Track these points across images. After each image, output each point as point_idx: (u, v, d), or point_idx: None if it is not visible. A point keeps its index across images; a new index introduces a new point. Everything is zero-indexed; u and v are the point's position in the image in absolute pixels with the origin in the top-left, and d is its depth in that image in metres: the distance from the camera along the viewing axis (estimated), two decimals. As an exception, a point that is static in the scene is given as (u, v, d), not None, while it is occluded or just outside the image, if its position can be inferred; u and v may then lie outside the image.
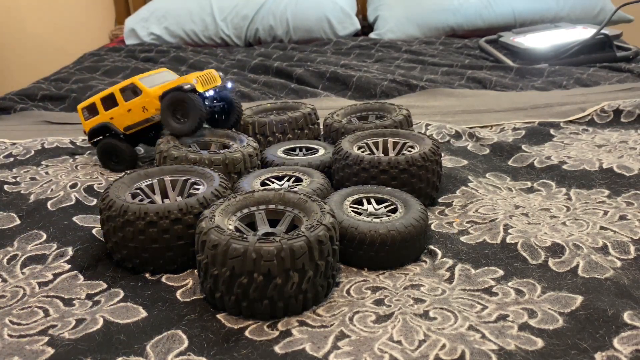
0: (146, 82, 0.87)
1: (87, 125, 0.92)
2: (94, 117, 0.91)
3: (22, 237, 0.70)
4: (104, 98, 0.89)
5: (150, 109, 0.86)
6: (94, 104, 0.90)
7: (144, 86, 0.85)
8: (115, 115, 0.88)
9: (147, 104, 0.86)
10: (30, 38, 2.53)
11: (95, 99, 0.90)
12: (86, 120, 0.92)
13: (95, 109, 0.90)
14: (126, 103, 0.87)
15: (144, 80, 0.87)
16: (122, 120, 0.88)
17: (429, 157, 0.74)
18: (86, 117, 0.92)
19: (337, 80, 1.46)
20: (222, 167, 0.76)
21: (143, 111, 0.86)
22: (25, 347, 0.51)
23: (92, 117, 0.91)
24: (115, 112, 0.88)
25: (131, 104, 0.87)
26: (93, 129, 0.91)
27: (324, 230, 0.55)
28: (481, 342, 0.50)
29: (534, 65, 1.52)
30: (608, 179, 0.83)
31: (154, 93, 0.85)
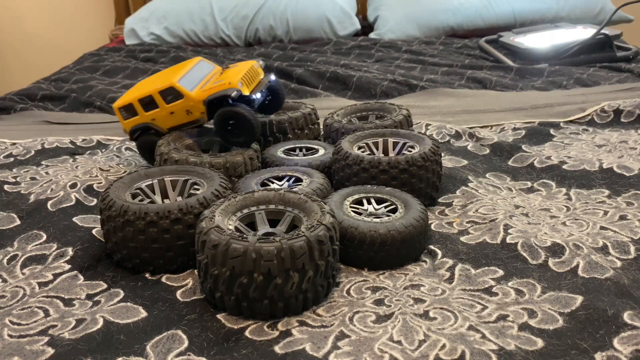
0: (186, 83, 0.81)
1: (127, 125, 0.86)
2: (133, 118, 0.85)
3: (22, 238, 0.70)
4: (142, 100, 0.83)
5: (195, 113, 0.81)
6: (131, 105, 0.84)
7: (185, 90, 0.79)
8: (157, 117, 0.83)
9: (191, 107, 0.80)
10: (30, 38, 2.54)
11: (133, 100, 0.83)
12: (125, 119, 0.86)
13: (134, 110, 0.84)
14: (167, 106, 0.81)
15: (183, 81, 0.81)
16: (164, 122, 0.83)
17: (429, 157, 0.74)
18: (125, 117, 0.86)
19: (337, 80, 1.45)
20: (223, 171, 0.76)
21: (187, 114, 0.81)
22: (25, 347, 0.51)
23: (132, 117, 0.85)
24: (157, 114, 0.83)
25: (173, 107, 0.81)
26: (135, 129, 0.86)
27: (324, 230, 0.55)
28: (481, 342, 0.50)
29: (534, 65, 1.52)
30: (608, 179, 0.83)
31: (197, 97, 0.79)
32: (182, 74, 0.82)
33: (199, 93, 0.79)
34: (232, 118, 0.77)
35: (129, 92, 0.87)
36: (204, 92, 0.79)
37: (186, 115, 0.81)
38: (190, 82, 0.81)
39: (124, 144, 1.04)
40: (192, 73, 0.83)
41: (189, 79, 0.82)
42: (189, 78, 0.82)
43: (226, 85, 0.77)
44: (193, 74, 0.83)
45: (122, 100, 0.85)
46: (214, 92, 0.78)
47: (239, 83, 0.78)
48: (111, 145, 1.04)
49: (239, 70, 0.80)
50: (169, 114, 0.82)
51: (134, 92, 0.85)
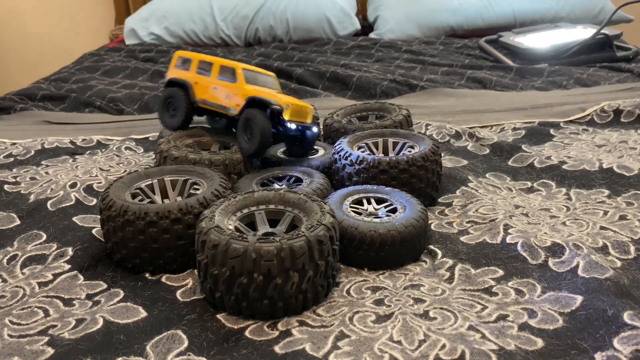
0: (247, 76, 0.81)
1: (172, 73, 0.87)
2: (182, 71, 0.86)
3: (22, 237, 0.70)
4: (203, 61, 0.84)
5: (233, 102, 0.80)
6: (190, 60, 0.85)
7: (242, 78, 0.80)
8: (200, 83, 0.83)
9: (233, 95, 0.80)
10: (30, 38, 2.53)
11: (196, 57, 0.85)
12: (175, 67, 0.87)
13: (189, 65, 0.85)
14: (217, 80, 0.82)
15: (246, 73, 0.81)
16: (202, 91, 0.83)
17: (429, 157, 0.74)
18: (177, 66, 0.87)
19: (337, 80, 1.45)
20: (222, 168, 0.76)
21: (225, 97, 0.81)
22: (25, 347, 0.51)
23: (182, 69, 0.86)
24: (203, 80, 0.83)
25: (221, 83, 0.81)
26: (173, 80, 0.86)
27: (324, 230, 0.55)
28: (481, 342, 0.50)
29: (534, 65, 1.52)
30: (608, 179, 0.83)
31: (246, 90, 0.79)
32: (252, 69, 0.83)
33: (251, 88, 0.79)
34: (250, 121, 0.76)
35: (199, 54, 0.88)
36: (255, 90, 0.79)
37: (224, 98, 0.81)
38: (251, 78, 0.82)
39: (123, 143, 1.04)
40: (258, 77, 0.83)
41: (252, 76, 0.82)
42: (252, 76, 0.83)
43: (276, 98, 0.77)
44: (258, 78, 0.83)
45: (188, 52, 0.87)
46: (262, 95, 0.77)
47: (286, 105, 0.77)
48: (111, 145, 1.04)
49: (295, 99, 0.80)
50: (211, 87, 0.82)
51: (201, 55, 0.86)
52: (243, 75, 0.80)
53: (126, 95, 1.37)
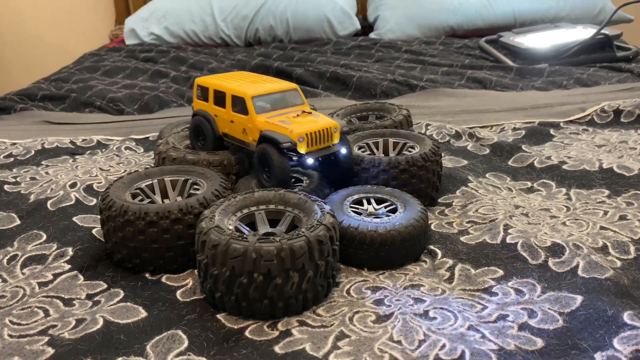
0: (261, 104, 0.73)
1: (195, 104, 0.83)
2: (203, 102, 0.81)
3: (22, 237, 0.70)
4: (217, 92, 0.78)
5: (249, 136, 0.73)
6: (207, 90, 0.79)
7: (253, 109, 0.72)
8: (219, 116, 0.78)
9: (248, 129, 0.73)
10: (30, 38, 2.54)
11: (211, 86, 0.78)
12: (197, 98, 0.82)
13: (207, 95, 0.79)
14: (232, 112, 0.75)
15: (259, 101, 0.73)
16: (222, 124, 0.78)
17: (429, 157, 0.74)
18: (198, 96, 0.82)
19: (337, 80, 1.45)
20: (220, 168, 0.76)
21: (242, 132, 0.74)
22: (25, 347, 0.51)
23: (202, 100, 0.81)
24: (220, 112, 0.77)
25: (236, 116, 0.75)
26: (198, 112, 0.81)
27: (324, 230, 0.55)
28: (481, 342, 0.50)
29: (534, 65, 1.52)
30: (608, 179, 0.83)
31: (257, 124, 0.71)
32: (265, 92, 0.74)
33: (262, 121, 0.71)
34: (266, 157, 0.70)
35: (218, 76, 0.82)
36: (266, 123, 0.71)
37: (241, 132, 0.75)
38: (266, 104, 0.74)
39: (124, 143, 1.04)
40: (276, 97, 0.75)
41: (268, 101, 0.74)
42: (269, 100, 0.74)
43: (287, 132, 0.68)
44: (276, 98, 0.75)
45: (205, 80, 0.81)
46: (271, 129, 0.70)
47: (299, 137, 0.68)
48: (111, 145, 1.04)
49: (312, 124, 0.70)
50: (229, 121, 0.76)
51: (218, 80, 0.80)
52: (253, 104, 0.72)
53: (126, 95, 1.37)
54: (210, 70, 1.61)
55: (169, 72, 1.58)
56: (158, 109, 1.32)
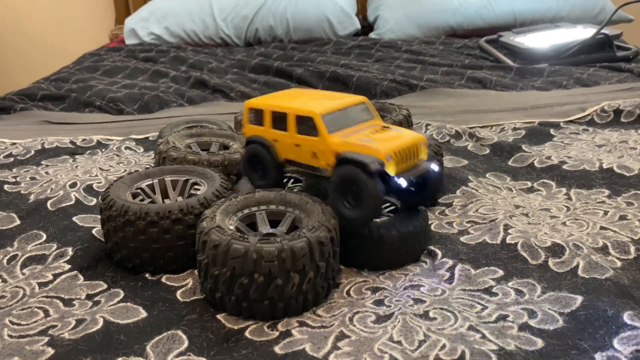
0: (331, 121, 0.63)
1: (248, 130, 0.71)
2: (258, 126, 0.69)
3: (22, 237, 0.70)
4: (276, 114, 0.67)
5: (322, 160, 0.63)
6: (262, 112, 0.68)
7: (324, 129, 0.62)
8: (280, 141, 0.67)
9: (320, 152, 0.63)
10: (30, 38, 2.53)
11: (267, 109, 0.67)
12: (250, 123, 0.70)
13: (262, 119, 0.69)
14: (297, 135, 0.64)
15: (329, 118, 0.63)
16: (285, 150, 0.67)
17: (430, 157, 0.74)
18: (250, 120, 0.70)
19: (337, 80, 1.45)
20: (221, 168, 0.76)
21: (312, 157, 0.64)
22: (25, 347, 0.51)
23: (257, 125, 0.69)
24: (282, 136, 0.66)
25: (302, 140, 0.64)
26: (253, 139, 0.70)
27: (325, 231, 0.55)
28: (481, 343, 0.50)
29: (534, 65, 1.52)
30: (608, 179, 0.83)
31: (333, 145, 0.61)
32: (334, 109, 0.64)
33: (337, 141, 0.61)
34: (351, 183, 0.59)
35: (269, 96, 0.72)
36: (344, 143, 0.61)
37: (311, 157, 0.64)
38: (337, 122, 0.63)
39: (123, 143, 1.04)
40: (346, 113, 0.65)
41: (337, 117, 0.64)
42: (338, 117, 0.64)
43: (371, 151, 0.59)
44: (346, 115, 0.65)
45: (256, 102, 0.70)
46: (353, 149, 0.60)
47: (387, 156, 0.58)
48: (111, 145, 1.04)
49: (397, 139, 0.61)
50: (293, 145, 0.66)
51: (272, 100, 0.69)
52: (324, 123, 0.62)
53: (126, 95, 1.37)
54: (210, 70, 1.61)
55: (169, 72, 1.58)
56: (158, 109, 1.32)
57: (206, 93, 1.43)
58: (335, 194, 0.61)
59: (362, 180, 0.57)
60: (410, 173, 0.61)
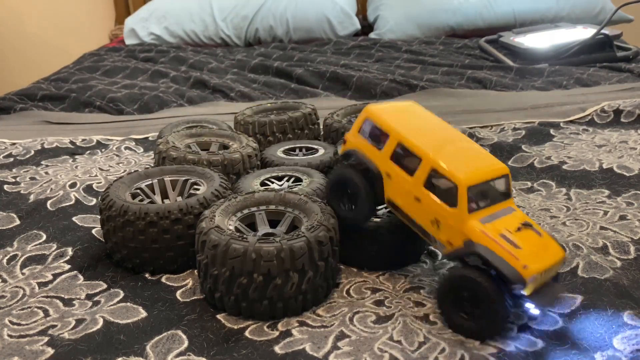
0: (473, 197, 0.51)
1: (352, 140, 0.59)
2: (371, 146, 0.57)
3: (21, 237, 0.70)
4: (406, 149, 0.54)
5: (443, 235, 0.52)
6: (387, 137, 0.56)
7: (465, 206, 0.50)
8: (396, 179, 0.55)
9: (447, 225, 0.52)
10: (30, 38, 2.53)
11: (396, 136, 0.55)
12: (360, 134, 0.58)
13: (383, 142, 0.56)
14: (423, 189, 0.53)
15: (473, 192, 0.51)
16: (397, 193, 0.55)
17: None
18: (363, 132, 0.58)
19: (337, 80, 1.45)
20: (220, 168, 0.76)
21: (432, 223, 0.53)
22: (25, 347, 0.51)
23: (371, 143, 0.57)
24: (400, 176, 0.55)
25: (428, 197, 0.53)
26: (354, 155, 0.58)
27: (324, 231, 0.55)
28: (480, 347, 0.50)
29: (534, 65, 1.52)
30: (608, 179, 0.83)
31: (470, 230, 0.50)
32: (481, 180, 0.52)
33: (476, 227, 0.50)
34: (472, 288, 0.50)
35: (396, 113, 0.58)
36: (483, 235, 0.50)
37: (430, 222, 0.53)
38: (478, 196, 0.52)
39: (123, 143, 1.04)
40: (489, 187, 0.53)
41: (480, 191, 0.52)
42: (481, 191, 0.53)
43: (516, 263, 0.48)
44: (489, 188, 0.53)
45: (382, 118, 0.57)
46: (491, 249, 0.49)
47: (532, 277, 0.48)
48: (111, 145, 1.04)
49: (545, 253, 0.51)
50: (412, 195, 0.54)
51: (402, 124, 0.56)
52: (468, 198, 0.51)
53: (126, 95, 1.37)
54: (210, 70, 1.61)
55: (168, 72, 1.58)
56: (158, 109, 1.32)
57: (206, 93, 1.43)
58: (445, 290, 0.51)
59: (489, 294, 0.48)
60: (546, 301, 0.50)
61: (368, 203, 0.57)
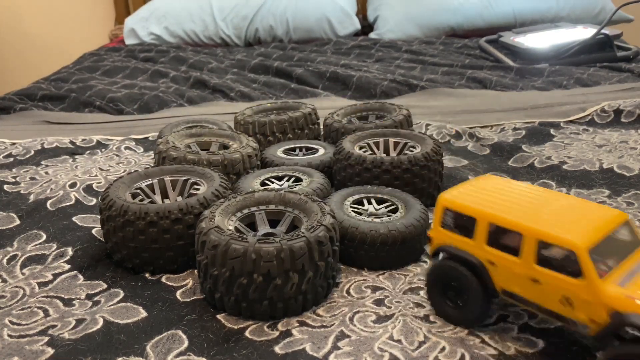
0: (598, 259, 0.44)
1: (439, 235, 0.53)
2: (460, 236, 0.51)
3: (21, 237, 0.70)
4: (501, 229, 0.48)
5: (581, 311, 0.44)
6: (473, 221, 0.50)
7: (593, 271, 0.43)
8: (502, 265, 0.48)
9: (580, 302, 0.44)
10: (30, 38, 2.53)
11: (483, 218, 0.49)
12: (444, 227, 0.52)
13: (471, 228, 0.50)
14: (537, 267, 0.46)
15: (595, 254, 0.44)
16: (509, 280, 0.48)
17: (431, 156, 0.74)
18: (446, 223, 0.52)
19: (337, 80, 1.45)
20: (220, 168, 0.76)
21: (562, 303, 0.45)
22: (25, 347, 0.51)
23: (458, 233, 0.51)
24: (506, 261, 0.48)
25: (546, 275, 0.45)
26: (447, 251, 0.52)
27: (324, 231, 0.55)
28: (481, 347, 0.50)
29: (534, 65, 1.52)
30: (608, 179, 0.83)
31: (609, 299, 0.42)
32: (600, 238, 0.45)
33: (615, 293, 0.42)
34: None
35: (475, 190, 0.53)
36: (628, 300, 0.42)
37: (559, 302, 0.45)
38: (603, 256, 0.45)
39: (123, 143, 1.04)
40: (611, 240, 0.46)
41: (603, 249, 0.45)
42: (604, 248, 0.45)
43: None
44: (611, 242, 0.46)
45: (460, 203, 0.51)
46: None
47: None
48: (111, 145, 1.04)
49: None
50: (527, 279, 0.47)
51: (490, 200, 0.50)
52: (591, 262, 0.43)
53: (126, 95, 1.37)
54: (210, 70, 1.61)
55: (168, 72, 1.58)
56: (158, 109, 1.32)
57: (206, 93, 1.43)
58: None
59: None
60: None
61: (478, 299, 0.49)
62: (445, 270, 0.52)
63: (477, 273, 0.49)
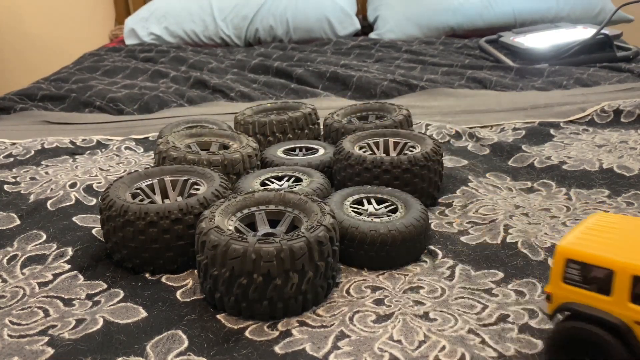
0: None
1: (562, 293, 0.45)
2: (591, 293, 0.43)
3: (22, 237, 0.70)
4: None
5: None
6: (610, 274, 0.42)
7: None
8: None
9: None
10: (30, 38, 2.53)
11: (620, 269, 0.42)
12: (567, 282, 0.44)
13: (604, 284, 0.43)
14: None
15: None
16: None
17: (431, 156, 0.74)
18: (569, 277, 0.44)
19: (337, 80, 1.45)
20: (220, 168, 0.76)
21: None
22: (25, 347, 0.51)
23: (590, 290, 0.43)
24: None
25: None
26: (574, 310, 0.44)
27: (324, 231, 0.55)
28: (481, 348, 0.50)
29: (534, 65, 1.52)
30: (608, 179, 0.83)
31: None
32: None
33: None
34: None
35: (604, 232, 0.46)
36: None
37: None
38: None
39: (123, 143, 1.04)
40: None
41: None
42: None
43: None
44: None
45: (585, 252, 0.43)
46: None
47: None
48: (111, 145, 1.04)
49: None
50: None
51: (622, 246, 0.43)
52: None
53: (126, 95, 1.37)
54: (210, 70, 1.61)
55: (168, 72, 1.58)
56: (158, 109, 1.32)
57: (206, 93, 1.43)
58: None
59: None
60: None
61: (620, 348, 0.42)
62: (577, 334, 0.43)
63: (621, 337, 0.42)
